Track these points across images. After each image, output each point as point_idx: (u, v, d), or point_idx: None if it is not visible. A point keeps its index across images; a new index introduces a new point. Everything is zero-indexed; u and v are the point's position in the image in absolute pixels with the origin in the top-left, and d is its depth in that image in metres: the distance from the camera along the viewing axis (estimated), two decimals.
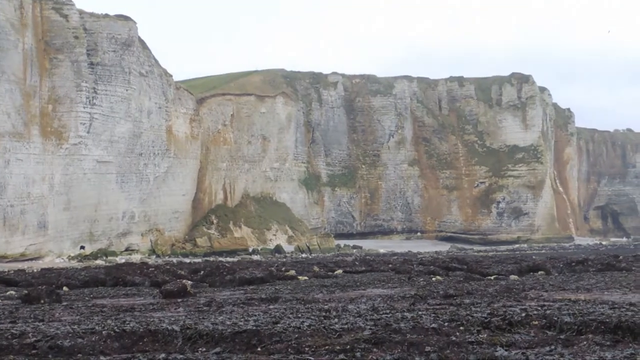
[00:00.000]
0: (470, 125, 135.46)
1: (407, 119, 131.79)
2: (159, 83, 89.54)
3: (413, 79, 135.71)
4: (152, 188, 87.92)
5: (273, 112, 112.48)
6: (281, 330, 11.33)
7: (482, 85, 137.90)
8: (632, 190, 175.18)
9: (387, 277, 28.48)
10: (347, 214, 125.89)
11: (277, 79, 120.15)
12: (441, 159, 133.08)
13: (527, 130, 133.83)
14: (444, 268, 33.29)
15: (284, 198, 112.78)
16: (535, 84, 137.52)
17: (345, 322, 12.23)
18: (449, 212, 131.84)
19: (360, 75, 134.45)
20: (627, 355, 8.89)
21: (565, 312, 12.42)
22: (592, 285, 20.67)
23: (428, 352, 9.53)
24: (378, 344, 10.04)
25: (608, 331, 10.78)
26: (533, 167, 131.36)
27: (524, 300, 16.38)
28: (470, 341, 10.18)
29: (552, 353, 9.27)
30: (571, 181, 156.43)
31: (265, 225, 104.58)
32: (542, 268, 30.68)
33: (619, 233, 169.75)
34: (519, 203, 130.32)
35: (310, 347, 10.06)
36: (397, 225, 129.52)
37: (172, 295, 20.68)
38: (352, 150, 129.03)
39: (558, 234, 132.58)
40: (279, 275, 30.60)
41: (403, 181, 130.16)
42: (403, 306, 15.47)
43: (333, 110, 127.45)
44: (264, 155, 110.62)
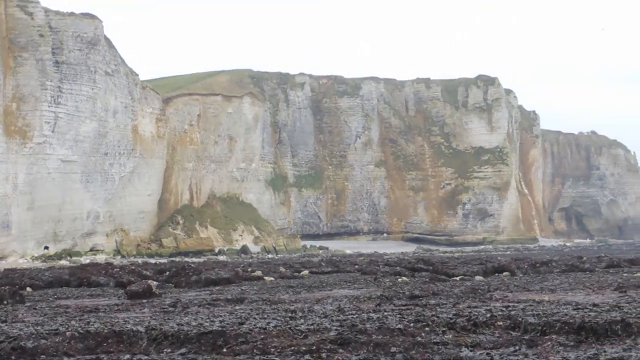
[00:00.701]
0: (437, 126, 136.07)
1: (374, 120, 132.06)
2: (125, 82, 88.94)
3: (380, 80, 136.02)
4: (118, 188, 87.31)
5: (240, 113, 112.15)
6: (247, 331, 11.31)
7: (449, 87, 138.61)
8: (595, 192, 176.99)
9: (353, 278, 28.54)
10: (314, 215, 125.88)
11: (244, 79, 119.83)
12: (407, 160, 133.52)
13: (492, 132, 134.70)
14: (410, 269, 33.42)
15: (250, 198, 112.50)
16: (501, 86, 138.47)
17: (311, 322, 12.24)
18: (415, 213, 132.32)
19: (328, 76, 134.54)
20: (590, 356, 8.97)
21: (529, 313, 12.51)
22: (556, 286, 20.85)
23: (394, 352, 9.56)
24: (344, 345, 10.05)
25: (571, 332, 10.88)
26: (498, 168, 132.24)
27: (489, 301, 16.48)
28: (436, 342, 10.23)
29: (517, 353, 9.34)
30: (536, 183, 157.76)
31: (231, 225, 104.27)
32: (507, 269, 30.89)
33: (583, 234, 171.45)
34: (485, 204, 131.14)
35: (276, 347, 10.05)
36: (364, 226, 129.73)
37: (137, 295, 20.57)
38: (318, 151, 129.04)
39: (523, 235, 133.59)
40: (245, 276, 30.53)
41: (369, 182, 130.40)
42: (369, 307, 15.50)
43: (300, 111, 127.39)
44: (231, 156, 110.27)
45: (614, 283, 20.85)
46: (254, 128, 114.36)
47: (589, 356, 8.98)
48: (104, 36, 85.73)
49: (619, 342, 10.13)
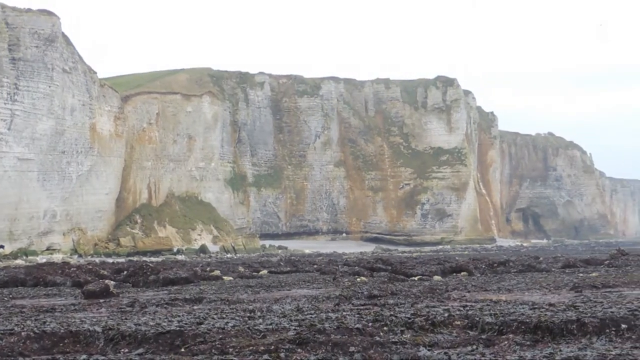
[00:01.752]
0: (396, 127, 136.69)
1: (334, 120, 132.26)
2: (82, 80, 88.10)
3: (340, 80, 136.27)
4: (75, 186, 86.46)
5: (199, 112, 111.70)
6: (205, 330, 11.25)
7: (408, 88, 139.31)
8: (552, 193, 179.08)
9: (312, 278, 28.55)
10: (273, 214, 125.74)
11: (204, 78, 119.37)
12: (367, 160, 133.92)
13: (451, 133, 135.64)
14: (369, 269, 33.49)
15: (209, 198, 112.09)
16: (459, 88, 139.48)
17: (269, 322, 12.22)
18: (374, 213, 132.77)
19: (287, 76, 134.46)
20: (546, 355, 9.05)
21: (486, 313, 12.60)
22: (513, 286, 21.02)
23: (352, 352, 9.57)
24: (302, 344, 10.05)
25: (528, 331, 10.97)
26: (457, 169, 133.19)
27: (447, 300, 16.57)
28: (394, 341, 10.26)
29: (474, 353, 9.40)
30: (494, 183, 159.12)
31: (190, 225, 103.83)
32: (464, 269, 31.08)
33: (540, 235, 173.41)
34: (443, 205, 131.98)
35: (235, 347, 10.02)
36: (323, 226, 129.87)
37: (94, 295, 20.39)
38: (278, 150, 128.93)
39: (481, 235, 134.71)
40: (204, 276, 30.40)
41: (329, 182, 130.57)
42: (328, 306, 15.51)
43: (259, 110, 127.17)
44: (190, 155, 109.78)
45: (570, 283, 21.07)
46: (213, 127, 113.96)
47: (545, 355, 9.06)
48: (62, 33, 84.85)
49: (574, 342, 10.24)
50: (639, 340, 10.13)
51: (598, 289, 18.90)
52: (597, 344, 9.86)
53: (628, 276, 23.76)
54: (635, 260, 33.22)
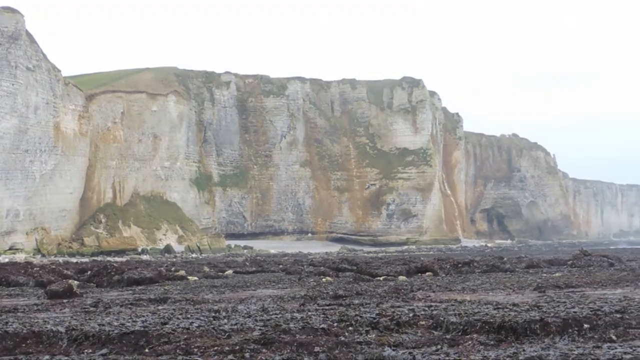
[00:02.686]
0: (362, 127, 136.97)
1: (300, 120, 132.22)
2: (46, 78, 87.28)
3: (306, 80, 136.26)
4: (38, 186, 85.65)
5: (164, 111, 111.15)
6: (170, 331, 11.20)
7: (374, 88, 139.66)
8: (516, 193, 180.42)
9: (277, 278, 28.53)
10: (238, 214, 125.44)
11: (169, 77, 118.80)
12: (333, 160, 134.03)
13: (417, 134, 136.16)
14: (334, 269, 33.53)
15: (174, 197, 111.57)
16: (425, 88, 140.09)
17: (234, 322, 12.19)
18: (340, 213, 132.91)
19: (253, 76, 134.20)
20: (510, 355, 9.11)
21: (451, 313, 12.66)
22: (477, 286, 21.14)
23: (317, 352, 9.58)
24: (267, 345, 10.03)
25: (492, 331, 11.04)
26: (422, 170, 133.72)
27: (412, 300, 16.63)
28: (359, 341, 10.28)
29: (438, 352, 9.44)
30: (459, 184, 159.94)
31: (155, 224, 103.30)
32: (429, 269, 31.20)
33: (504, 235, 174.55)
34: (409, 205, 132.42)
35: (199, 347, 9.98)
36: (288, 226, 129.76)
37: (58, 295, 20.23)
38: (244, 150, 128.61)
39: (445, 235, 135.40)
40: (169, 276, 30.26)
41: (294, 182, 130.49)
42: (293, 307, 15.51)
43: (225, 110, 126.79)
44: (155, 154, 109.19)
45: (533, 283, 21.23)
46: (179, 126, 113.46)
47: (508, 355, 9.12)
48: (26, 31, 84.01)
49: (537, 341, 10.32)
50: (601, 340, 10.23)
51: (561, 289, 19.07)
52: (560, 344, 9.94)
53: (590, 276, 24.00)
54: (598, 261, 33.55)
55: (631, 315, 11.81)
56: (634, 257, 43.07)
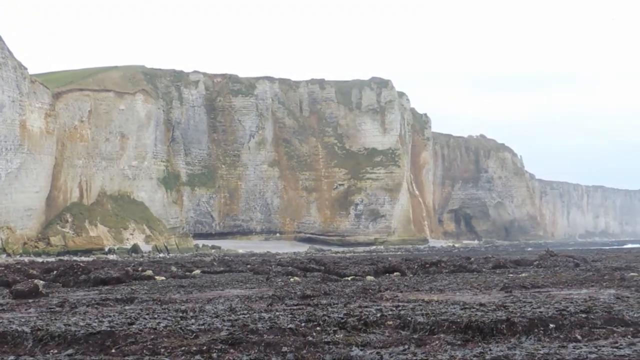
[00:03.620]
0: (331, 127, 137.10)
1: (268, 120, 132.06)
2: (12, 76, 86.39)
3: (275, 80, 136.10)
4: (4, 184, 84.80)
5: (132, 110, 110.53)
6: (137, 331, 11.14)
7: (343, 89, 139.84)
8: (484, 194, 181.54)
9: (245, 278, 28.48)
10: (206, 214, 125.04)
11: (137, 75, 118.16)
12: (301, 160, 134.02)
13: (385, 134, 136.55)
14: (302, 269, 33.53)
15: (142, 197, 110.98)
16: (394, 89, 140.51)
17: (202, 322, 12.15)
18: (308, 213, 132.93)
19: (222, 75, 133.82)
20: (477, 354, 9.16)
21: (418, 313, 12.70)
22: (444, 286, 21.23)
23: (285, 352, 9.57)
24: (235, 345, 10.01)
25: (459, 331, 11.09)
26: (391, 170, 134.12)
27: (380, 300, 16.66)
28: (327, 341, 10.28)
29: (406, 352, 9.46)
30: (427, 185, 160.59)
31: (122, 224, 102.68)
32: (397, 269, 31.29)
33: (471, 236, 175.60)
34: (377, 205, 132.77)
35: (166, 348, 9.94)
36: (256, 226, 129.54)
37: (23, 295, 20.04)
38: (212, 149, 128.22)
39: (413, 236, 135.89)
40: (136, 275, 30.09)
41: (263, 182, 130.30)
42: (261, 307, 15.48)
43: (194, 109, 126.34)
44: (122, 153, 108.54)
45: (500, 283, 21.36)
46: (147, 125, 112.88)
47: (475, 354, 9.17)
48: None
49: (504, 341, 10.38)
50: (566, 340, 10.32)
51: (527, 289, 19.20)
52: (526, 344, 10.01)
53: (556, 277, 24.19)
54: (564, 261, 33.83)
55: (596, 315, 11.93)
56: (599, 258, 43.49)
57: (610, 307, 13.04)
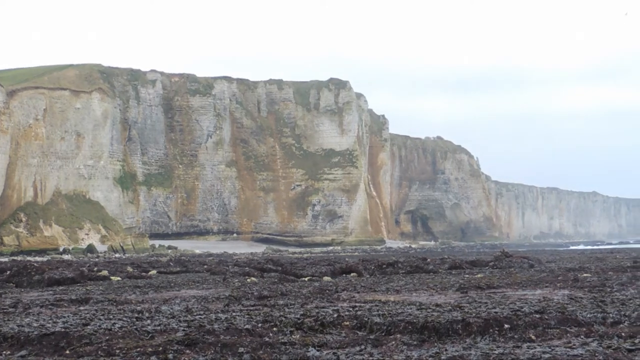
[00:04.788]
0: (288, 128, 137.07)
1: (226, 120, 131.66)
2: None
3: (233, 80, 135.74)
4: None
5: (88, 108, 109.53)
6: (91, 332, 11.04)
7: (301, 89, 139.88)
8: (440, 195, 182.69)
9: (202, 278, 28.33)
10: (163, 214, 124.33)
11: (94, 74, 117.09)
12: (259, 160, 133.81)
13: (343, 135, 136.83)
14: (259, 269, 33.45)
15: (97, 196, 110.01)
16: (352, 90, 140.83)
17: (158, 323, 12.07)
18: (266, 213, 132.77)
19: (180, 74, 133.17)
20: (432, 354, 9.21)
21: (375, 313, 12.74)
22: (401, 287, 21.30)
23: (241, 353, 9.54)
24: (191, 345, 9.96)
25: (415, 331, 11.14)
26: (348, 171, 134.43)
27: (337, 301, 16.68)
28: (283, 342, 10.27)
29: (362, 353, 9.48)
30: (384, 186, 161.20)
31: (77, 224, 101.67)
32: (354, 270, 31.33)
33: (428, 236, 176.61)
34: (334, 206, 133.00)
35: (122, 349, 9.86)
36: (214, 226, 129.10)
37: None
38: (169, 149, 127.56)
39: (370, 236, 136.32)
40: (91, 276, 29.79)
41: (220, 182, 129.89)
42: (217, 307, 15.43)
43: (151, 109, 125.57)
44: (78, 152, 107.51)
45: (456, 284, 21.48)
46: (103, 124, 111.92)
47: (431, 355, 9.21)
48: None
49: (459, 341, 10.44)
50: (520, 340, 10.41)
51: (483, 290, 19.33)
52: (481, 344, 10.08)
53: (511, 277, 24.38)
54: (519, 262, 34.12)
55: (550, 316, 12.05)
56: (553, 259, 43.95)
57: (564, 308, 13.19)
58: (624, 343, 9.51)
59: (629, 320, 11.75)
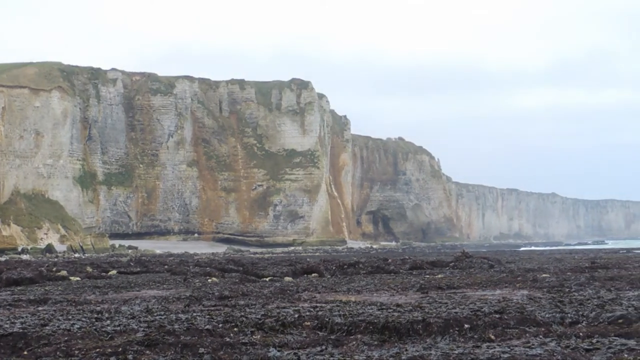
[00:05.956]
0: (250, 128, 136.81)
1: (187, 120, 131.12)
2: None
3: (194, 80, 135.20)
4: None
5: (48, 107, 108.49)
6: (50, 332, 10.93)
7: (263, 89, 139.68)
8: (401, 196, 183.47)
9: (162, 279, 28.17)
10: (123, 214, 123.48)
11: (54, 72, 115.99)
12: (220, 160, 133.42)
13: (305, 136, 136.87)
14: (220, 269, 33.34)
15: (57, 196, 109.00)
16: (314, 90, 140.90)
17: (117, 324, 11.99)
18: (227, 213, 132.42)
19: (141, 73, 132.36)
20: (393, 355, 9.23)
21: (336, 313, 12.75)
22: (362, 287, 21.33)
23: (202, 353, 9.50)
24: (151, 346, 9.90)
25: (376, 331, 11.16)
26: (310, 171, 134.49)
27: (298, 301, 16.68)
28: (244, 342, 10.24)
29: (323, 353, 9.48)
30: (346, 186, 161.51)
31: (36, 223, 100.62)
32: (315, 270, 31.34)
33: (389, 237, 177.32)
34: (295, 206, 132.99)
35: (81, 349, 9.77)
36: (174, 226, 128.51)
37: None
38: (130, 149, 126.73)
39: (332, 237, 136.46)
40: (50, 276, 29.49)
41: (181, 182, 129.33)
42: (178, 307, 15.35)
43: (111, 108, 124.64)
44: (37, 151, 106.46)
45: (417, 284, 21.55)
46: (63, 123, 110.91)
47: (391, 355, 9.23)
48: None
49: (420, 341, 10.48)
50: (480, 340, 10.47)
51: (443, 290, 19.43)
52: (442, 344, 10.13)
53: (471, 278, 24.53)
54: (479, 263, 34.32)
55: (509, 316, 12.14)
56: (512, 259, 44.29)
57: (523, 308, 13.29)
58: (582, 343, 9.60)
59: (587, 321, 11.87)
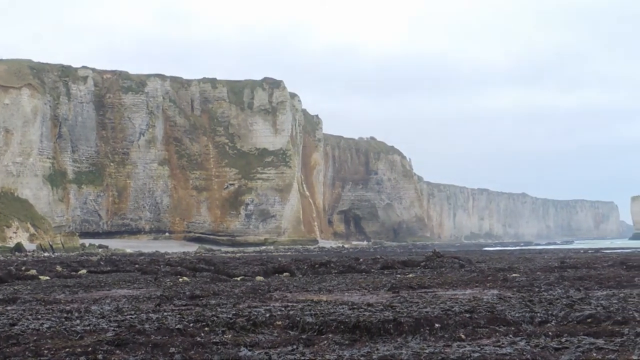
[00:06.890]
0: (222, 127, 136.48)
1: (159, 118, 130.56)
2: None
3: (166, 78, 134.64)
4: None
5: (17, 104, 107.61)
6: (19, 332, 10.85)
7: (235, 88, 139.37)
8: (373, 196, 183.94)
9: (133, 278, 28.06)
10: (94, 213, 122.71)
11: (23, 69, 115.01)
12: (192, 159, 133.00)
13: (276, 135, 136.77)
14: (191, 269, 33.24)
15: (26, 194, 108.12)
16: (286, 90, 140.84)
17: (87, 323, 11.92)
18: (198, 212, 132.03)
19: (112, 71, 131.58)
20: (364, 354, 9.25)
21: (307, 313, 12.75)
22: (333, 287, 21.36)
23: (172, 353, 9.47)
24: (121, 346, 9.85)
25: (347, 331, 11.18)
26: (281, 171, 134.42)
27: (269, 301, 16.67)
28: (215, 342, 10.22)
29: (294, 352, 9.49)
30: (317, 186, 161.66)
31: (4, 222, 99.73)
32: (287, 270, 31.33)
33: (361, 237, 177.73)
34: (267, 206, 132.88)
35: (50, 349, 9.71)
36: (145, 225, 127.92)
37: None
38: (100, 147, 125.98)
39: (303, 236, 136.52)
40: (19, 275, 29.30)
41: (152, 181, 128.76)
42: (148, 307, 15.29)
43: (82, 106, 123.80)
44: (6, 149, 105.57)
45: (388, 284, 21.61)
46: (33, 121, 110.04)
47: (362, 354, 9.25)
48: None
49: (391, 341, 10.51)
50: (451, 339, 10.52)
51: (414, 290, 19.49)
52: (412, 343, 10.16)
53: (442, 277, 24.64)
54: (450, 262, 34.46)
55: (479, 315, 12.20)
56: (483, 259, 44.53)
57: (493, 307, 13.37)
58: (551, 342, 9.68)
59: (556, 320, 11.97)
